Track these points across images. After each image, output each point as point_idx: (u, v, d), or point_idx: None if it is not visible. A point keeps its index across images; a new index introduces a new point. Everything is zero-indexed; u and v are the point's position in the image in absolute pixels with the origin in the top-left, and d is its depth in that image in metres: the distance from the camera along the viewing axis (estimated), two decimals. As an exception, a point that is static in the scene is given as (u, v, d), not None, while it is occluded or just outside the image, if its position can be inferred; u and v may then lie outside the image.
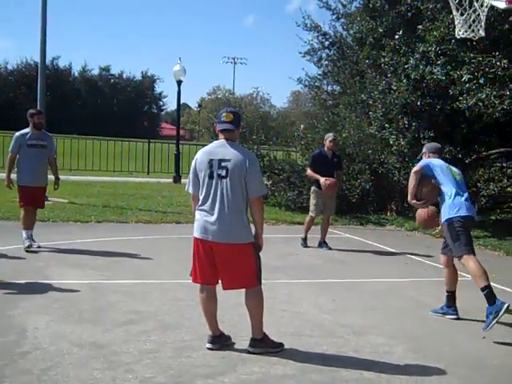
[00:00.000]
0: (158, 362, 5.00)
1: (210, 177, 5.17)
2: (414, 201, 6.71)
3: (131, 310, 6.44)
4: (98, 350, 5.24)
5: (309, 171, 11.00)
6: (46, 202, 14.21)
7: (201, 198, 5.24)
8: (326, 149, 10.85)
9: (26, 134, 9.43)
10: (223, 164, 5.13)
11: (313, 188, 10.87)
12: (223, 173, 5.12)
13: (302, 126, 20.53)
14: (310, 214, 10.91)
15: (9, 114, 71.41)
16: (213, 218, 5.14)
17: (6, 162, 9.64)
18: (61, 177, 9.98)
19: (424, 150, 7.15)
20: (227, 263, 5.19)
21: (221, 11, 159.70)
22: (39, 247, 9.46)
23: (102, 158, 23.82)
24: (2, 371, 4.68)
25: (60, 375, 4.65)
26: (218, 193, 5.14)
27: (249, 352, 5.28)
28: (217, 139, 5.39)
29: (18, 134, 9.51)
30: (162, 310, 6.52)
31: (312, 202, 10.89)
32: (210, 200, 5.18)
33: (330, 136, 11.00)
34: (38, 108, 15.38)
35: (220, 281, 5.30)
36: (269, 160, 16.42)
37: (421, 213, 6.86)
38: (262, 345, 5.31)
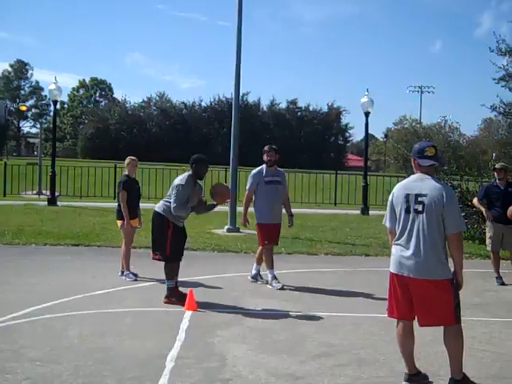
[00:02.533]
0: (354, 397, 4.99)
1: (407, 211, 5.13)
2: None
3: (325, 343, 6.49)
4: (293, 381, 5.36)
5: (475, 200, 10.90)
6: (237, 234, 14.96)
7: (397, 232, 5.21)
8: (497, 179, 10.46)
9: (262, 170, 9.54)
10: (420, 199, 5.07)
11: (488, 221, 10.53)
12: (420, 208, 5.07)
13: (494, 155, 19.60)
14: (488, 248, 10.64)
15: (203, 149, 75.58)
16: (408, 253, 5.09)
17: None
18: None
19: None
20: (423, 299, 5.08)
21: (406, 39, 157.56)
22: (283, 287, 9.23)
23: (289, 190, 24.26)
24: (207, 396, 4.93)
25: (260, 404, 4.81)
26: (415, 228, 5.09)
27: (448, 393, 5.11)
28: (406, 171, 5.35)
29: (254, 171, 9.61)
30: (356, 343, 6.51)
31: (487, 235, 10.58)
32: (405, 235, 5.15)
33: (496, 165, 10.72)
34: (232, 142, 16.18)
35: (416, 317, 5.20)
36: (461, 191, 15.85)
37: None
38: (462, 386, 5.11)
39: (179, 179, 8.19)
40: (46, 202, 20.69)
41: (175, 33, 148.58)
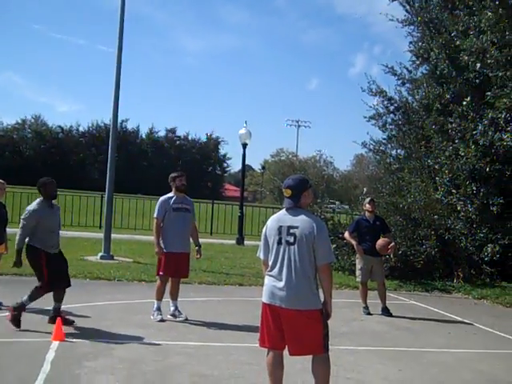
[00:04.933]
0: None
1: (279, 243, 5.23)
2: None
3: (196, 373, 6.43)
4: (163, 412, 5.25)
5: (346, 234, 11.24)
6: (110, 261, 14.63)
7: (270, 263, 5.29)
8: (366, 213, 10.95)
9: (171, 197, 9.17)
10: (291, 231, 5.19)
11: (357, 254, 10.95)
12: (291, 239, 5.18)
13: (364, 190, 20.42)
14: (357, 279, 11.01)
15: (79, 174, 73.70)
16: (280, 284, 5.17)
17: (80, 221, 9.43)
18: (125, 236, 9.55)
19: None
20: (294, 329, 5.17)
21: (285, 74, 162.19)
22: (186, 319, 9.05)
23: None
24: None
25: None
26: (286, 259, 5.18)
27: (314, 421, 5.20)
28: (281, 202, 5.46)
29: (162, 198, 9.24)
30: (226, 373, 6.49)
31: (357, 267, 10.97)
32: (278, 266, 5.23)
33: (366, 200, 11.25)
34: (109, 168, 15.87)
35: (287, 346, 5.28)
36: (333, 224, 16.36)
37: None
38: (327, 413, 5.21)
39: (31, 205, 8.10)
40: None
41: (52, 54, 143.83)
